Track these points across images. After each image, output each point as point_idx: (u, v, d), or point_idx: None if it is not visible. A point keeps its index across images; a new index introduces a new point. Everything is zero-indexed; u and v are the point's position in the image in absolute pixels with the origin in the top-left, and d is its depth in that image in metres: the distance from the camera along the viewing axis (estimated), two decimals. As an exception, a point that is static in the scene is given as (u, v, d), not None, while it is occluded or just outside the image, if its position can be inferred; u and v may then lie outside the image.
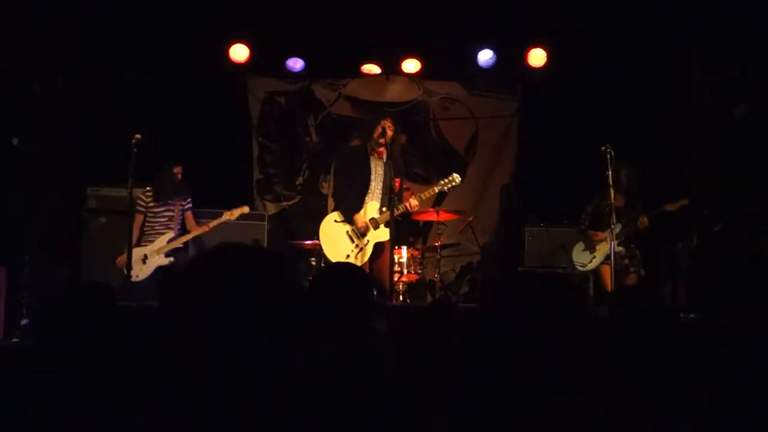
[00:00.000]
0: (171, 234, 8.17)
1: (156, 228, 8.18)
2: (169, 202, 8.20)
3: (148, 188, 8.20)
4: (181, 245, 8.21)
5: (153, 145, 7.74)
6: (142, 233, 8.15)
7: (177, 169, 8.21)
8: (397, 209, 7.14)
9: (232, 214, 8.20)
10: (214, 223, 8.19)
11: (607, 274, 8.02)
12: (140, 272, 7.96)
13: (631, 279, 8.01)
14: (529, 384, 1.95)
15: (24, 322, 7.28)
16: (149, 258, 8.03)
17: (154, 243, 8.09)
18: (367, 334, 2.58)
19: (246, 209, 8.33)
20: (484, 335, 2.13)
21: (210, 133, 9.78)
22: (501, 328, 2.21)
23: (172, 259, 8.08)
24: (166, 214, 8.21)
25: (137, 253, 7.94)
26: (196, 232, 8.21)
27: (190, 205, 8.36)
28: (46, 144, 8.13)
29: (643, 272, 8.09)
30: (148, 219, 8.18)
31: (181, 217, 8.30)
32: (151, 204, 8.19)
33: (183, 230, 8.31)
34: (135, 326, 2.31)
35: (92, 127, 8.69)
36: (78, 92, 8.60)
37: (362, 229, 7.20)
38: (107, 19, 8.65)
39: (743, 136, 8.25)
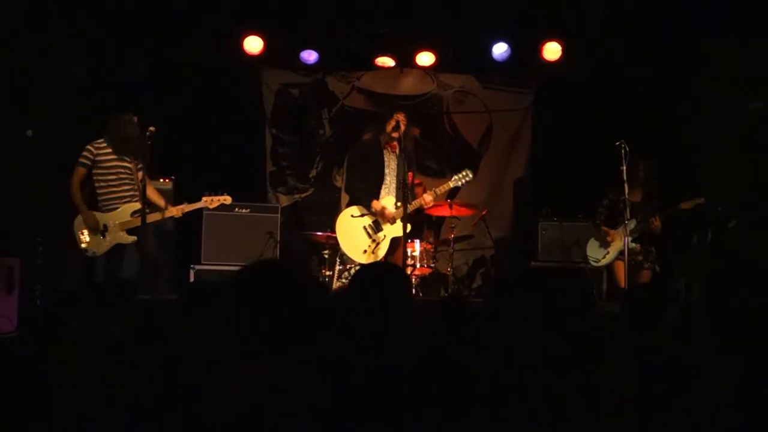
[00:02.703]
0: (137, 205, 7.04)
1: (116, 192, 7.19)
2: (127, 158, 7.17)
3: (101, 139, 7.22)
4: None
5: (167, 137, 7.72)
6: (96, 195, 7.17)
7: (151, 129, 6.81)
8: (411, 205, 7.11)
9: (212, 202, 7.46)
10: (189, 207, 7.38)
11: (621, 269, 7.98)
12: (97, 246, 7.09)
13: (645, 275, 7.96)
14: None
15: (38, 312, 7.30)
16: (109, 231, 7.08)
17: (116, 212, 7.14)
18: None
19: (228, 199, 7.56)
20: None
21: (223, 125, 9.78)
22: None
23: (135, 238, 7.01)
24: (123, 174, 7.19)
25: (93, 219, 7.06)
26: (169, 213, 7.22)
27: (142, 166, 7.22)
28: (60, 135, 8.13)
29: (657, 268, 8.04)
30: (101, 178, 7.15)
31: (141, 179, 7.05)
32: (102, 158, 7.16)
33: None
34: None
35: (106, 119, 8.69)
36: (92, 83, 8.61)
37: (381, 215, 7.18)
38: (121, 10, 8.65)
39: (758, 131, 8.21)
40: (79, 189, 7.12)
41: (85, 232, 7.10)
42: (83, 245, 7.09)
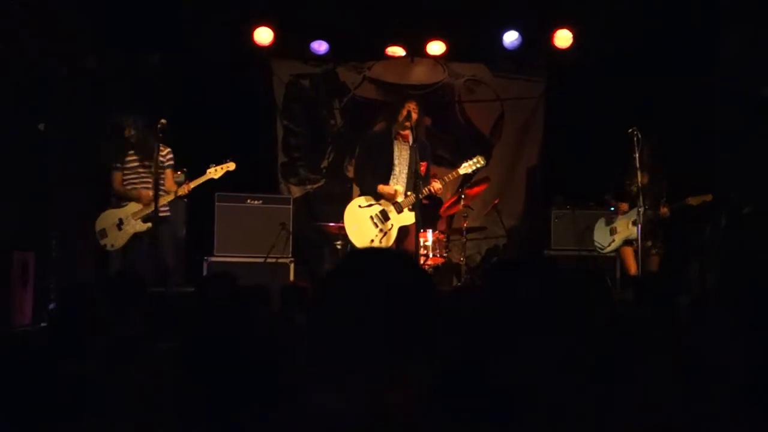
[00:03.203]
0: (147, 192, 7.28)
1: (131, 183, 7.49)
2: (144, 158, 7.40)
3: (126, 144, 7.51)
4: (163, 209, 7.34)
5: (178, 129, 7.73)
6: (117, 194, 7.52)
7: (128, 131, 7.36)
8: (421, 192, 7.10)
9: (216, 172, 7.51)
10: (195, 182, 7.47)
11: (629, 256, 7.99)
12: (115, 240, 7.33)
13: (654, 261, 7.91)
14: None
15: (52, 306, 7.33)
16: (125, 223, 7.34)
17: (129, 205, 7.40)
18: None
19: (232, 165, 7.61)
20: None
21: (234, 117, 9.77)
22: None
23: (149, 225, 7.20)
24: (140, 170, 7.46)
25: (110, 217, 7.38)
26: (176, 192, 7.40)
27: (171, 162, 7.60)
28: (72, 129, 8.14)
29: (663, 253, 8.02)
30: (125, 178, 7.47)
31: (162, 174, 7.42)
32: (127, 159, 7.49)
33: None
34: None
35: (117, 113, 8.70)
36: (103, 76, 8.62)
37: (390, 197, 7.16)
38: (133, 3, 8.65)
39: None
40: (122, 187, 7.48)
41: (105, 229, 7.37)
42: (102, 242, 7.35)
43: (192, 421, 2.06)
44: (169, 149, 7.56)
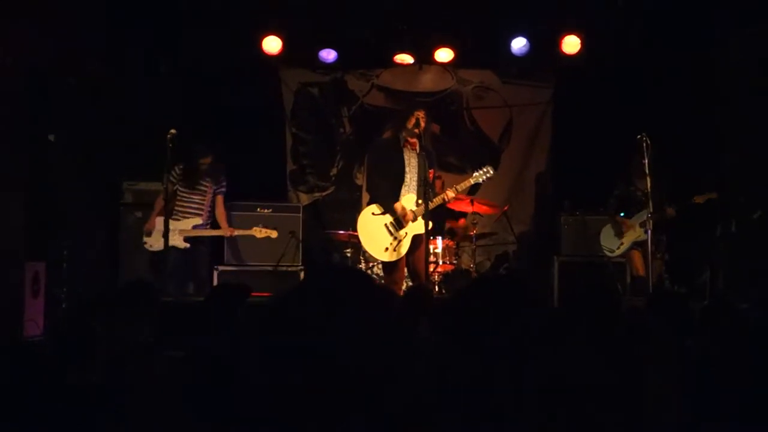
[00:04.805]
0: (199, 220, 8.12)
1: (187, 209, 8.11)
2: (198, 187, 8.14)
3: (181, 165, 8.07)
4: (203, 237, 8.20)
5: (188, 138, 7.77)
6: (174, 207, 8.07)
7: (205, 160, 8.10)
8: (433, 202, 7.09)
9: (260, 233, 8.19)
10: (239, 232, 8.25)
11: (638, 259, 7.99)
12: (155, 243, 7.96)
13: (657, 266, 7.89)
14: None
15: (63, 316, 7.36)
16: (170, 234, 7.77)
17: (181, 222, 8.02)
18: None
19: (274, 234, 8.27)
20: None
21: (244, 125, 9.80)
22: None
23: (188, 245, 8.02)
24: (195, 197, 8.13)
25: (162, 222, 7.78)
26: (218, 232, 8.26)
27: (224, 188, 8.29)
28: (82, 139, 8.18)
29: (667, 257, 8.02)
30: (180, 196, 8.11)
31: (212, 200, 8.23)
32: (182, 183, 8.13)
33: (212, 215, 8.27)
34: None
35: (128, 122, 8.74)
36: (113, 86, 8.65)
37: (403, 217, 7.15)
38: (141, 12, 8.69)
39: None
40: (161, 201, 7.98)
41: (152, 230, 8.06)
42: (147, 246, 8.10)
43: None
44: (223, 176, 8.28)
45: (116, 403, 2.46)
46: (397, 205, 7.16)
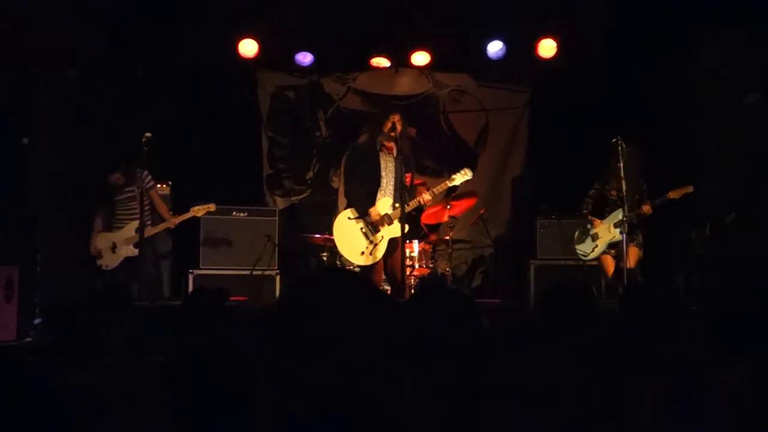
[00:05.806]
0: (136, 223, 7.64)
1: (123, 213, 7.88)
2: (128, 193, 7.83)
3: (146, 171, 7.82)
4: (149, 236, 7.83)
5: (163, 141, 7.71)
6: (111, 219, 7.90)
7: (116, 177, 7.86)
8: (409, 205, 7.09)
9: (199, 211, 7.94)
10: (180, 218, 7.89)
11: (609, 262, 7.99)
12: (109, 261, 7.80)
13: (633, 253, 7.82)
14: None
15: (37, 321, 7.29)
16: (118, 247, 7.78)
17: (122, 230, 7.81)
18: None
19: (213, 206, 7.98)
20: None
21: (219, 129, 9.75)
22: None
23: (137, 251, 7.66)
24: (131, 203, 7.84)
25: (106, 240, 7.79)
26: (162, 226, 7.89)
27: (151, 183, 7.87)
28: (56, 143, 8.11)
29: (641, 254, 7.98)
30: (117, 205, 7.89)
31: (147, 197, 7.75)
32: (115, 192, 7.90)
33: (153, 212, 7.94)
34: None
35: (102, 126, 8.67)
36: (86, 89, 8.58)
37: (377, 222, 7.15)
38: (115, 14, 8.62)
39: (753, 123, 8.23)
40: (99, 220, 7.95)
41: (101, 251, 7.82)
42: (103, 268, 7.80)
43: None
44: (145, 171, 7.79)
45: (94, 407, 2.43)
46: (372, 210, 7.16)
